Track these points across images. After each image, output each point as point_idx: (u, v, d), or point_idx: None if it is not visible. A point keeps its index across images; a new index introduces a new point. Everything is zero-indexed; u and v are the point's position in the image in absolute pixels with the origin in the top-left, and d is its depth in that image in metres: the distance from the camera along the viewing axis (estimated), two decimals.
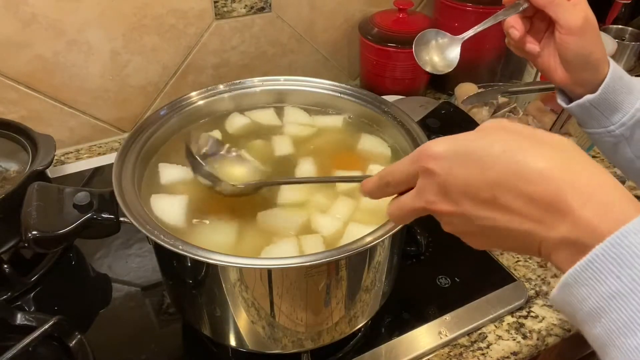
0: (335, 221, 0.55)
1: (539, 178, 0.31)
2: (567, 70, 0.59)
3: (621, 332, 0.27)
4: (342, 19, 1.05)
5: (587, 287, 0.29)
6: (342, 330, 0.57)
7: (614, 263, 0.27)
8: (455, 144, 0.34)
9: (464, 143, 0.34)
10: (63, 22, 0.81)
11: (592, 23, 0.56)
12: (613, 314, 0.28)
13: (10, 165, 0.74)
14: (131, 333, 0.64)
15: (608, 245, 0.28)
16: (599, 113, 0.59)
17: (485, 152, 0.33)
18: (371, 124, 0.68)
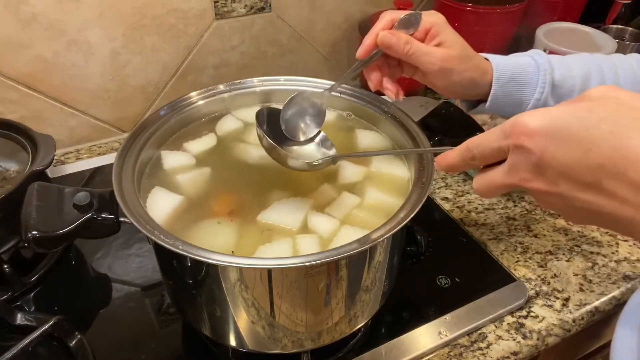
0: (331, 222, 0.55)
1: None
2: (451, 93, 0.60)
3: None
4: (342, 19, 1.05)
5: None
6: (342, 330, 0.57)
7: None
8: (555, 119, 0.31)
9: (565, 119, 0.31)
10: (63, 22, 0.81)
11: (455, 55, 0.56)
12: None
13: (10, 165, 0.74)
14: (131, 333, 0.64)
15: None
16: (502, 111, 0.60)
17: (589, 132, 0.29)
18: (371, 123, 0.68)
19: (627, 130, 0.28)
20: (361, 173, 0.61)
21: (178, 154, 0.62)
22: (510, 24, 1.04)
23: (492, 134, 0.35)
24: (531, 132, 0.32)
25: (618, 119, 0.29)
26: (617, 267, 0.73)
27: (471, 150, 0.37)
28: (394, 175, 0.61)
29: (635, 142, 0.28)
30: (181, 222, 0.54)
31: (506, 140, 0.34)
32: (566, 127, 0.30)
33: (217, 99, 0.68)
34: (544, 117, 0.31)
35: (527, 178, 0.33)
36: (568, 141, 0.30)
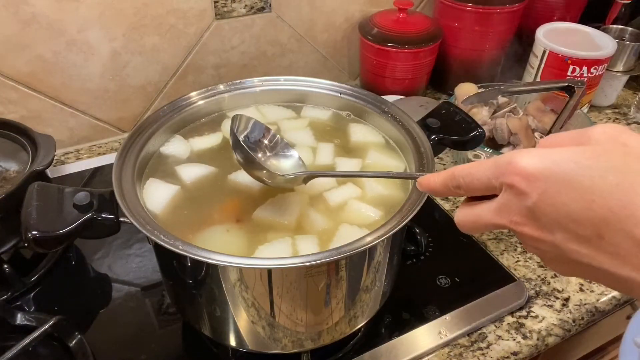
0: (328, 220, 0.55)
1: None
2: None
3: None
4: (342, 19, 1.05)
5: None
6: (342, 330, 0.57)
7: None
8: (556, 164, 0.29)
9: (567, 165, 0.28)
10: (63, 22, 0.81)
11: None
12: None
13: (10, 165, 0.74)
14: (131, 333, 0.64)
15: None
16: None
17: (594, 182, 0.27)
18: (371, 123, 0.68)
19: (635, 185, 0.27)
20: (357, 166, 0.62)
21: (180, 146, 0.63)
22: (510, 24, 1.04)
23: (483, 166, 0.33)
24: (528, 175, 0.29)
25: (625, 171, 0.27)
26: None
27: (457, 179, 0.35)
28: (390, 167, 0.62)
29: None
30: (182, 219, 0.54)
31: (499, 178, 0.31)
32: (568, 173, 0.28)
33: (217, 99, 0.68)
34: (545, 160, 0.29)
35: (519, 222, 0.31)
36: (569, 189, 0.28)
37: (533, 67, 1.00)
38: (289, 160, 0.55)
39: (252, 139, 0.54)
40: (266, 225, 0.54)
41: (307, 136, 0.67)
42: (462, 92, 0.86)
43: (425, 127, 0.61)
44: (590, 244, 0.28)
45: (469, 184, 0.34)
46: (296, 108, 0.71)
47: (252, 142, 0.54)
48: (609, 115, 1.08)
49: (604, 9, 1.14)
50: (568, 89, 0.80)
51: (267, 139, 0.55)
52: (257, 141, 0.54)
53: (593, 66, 0.93)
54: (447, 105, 0.65)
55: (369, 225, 0.54)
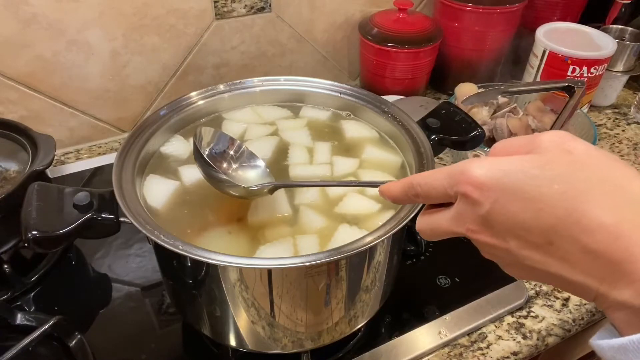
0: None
1: (604, 232, 0.26)
2: None
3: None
4: (342, 19, 1.05)
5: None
6: (342, 330, 0.57)
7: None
8: (505, 174, 0.29)
9: (516, 175, 0.29)
10: (63, 22, 0.81)
11: None
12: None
13: (10, 165, 0.74)
14: (131, 333, 0.64)
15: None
16: None
17: (541, 192, 0.28)
18: (371, 124, 0.68)
19: (579, 193, 0.27)
20: (354, 166, 0.62)
21: (180, 145, 0.63)
22: (510, 24, 1.04)
23: (438, 176, 0.34)
24: (481, 184, 0.30)
25: (571, 180, 0.28)
26: None
27: (415, 188, 0.35)
28: (387, 161, 0.63)
29: (587, 206, 0.27)
30: (183, 216, 0.54)
31: (453, 187, 0.32)
32: (517, 183, 0.29)
33: (217, 99, 0.68)
34: (495, 170, 0.30)
35: (474, 229, 0.32)
36: (519, 198, 0.29)
37: (533, 67, 1.00)
38: (255, 171, 0.54)
39: (217, 150, 0.53)
40: (265, 223, 0.54)
41: (304, 136, 0.67)
42: (462, 92, 0.86)
43: (425, 127, 0.61)
44: (541, 250, 0.29)
45: (426, 193, 0.35)
46: (296, 108, 0.71)
47: (216, 153, 0.52)
48: (609, 115, 1.08)
49: (604, 9, 1.14)
50: (568, 89, 0.80)
51: (232, 150, 0.54)
52: (222, 152, 0.53)
53: (593, 66, 0.93)
54: (447, 105, 0.65)
55: (368, 216, 0.54)
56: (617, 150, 0.98)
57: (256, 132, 0.67)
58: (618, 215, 0.27)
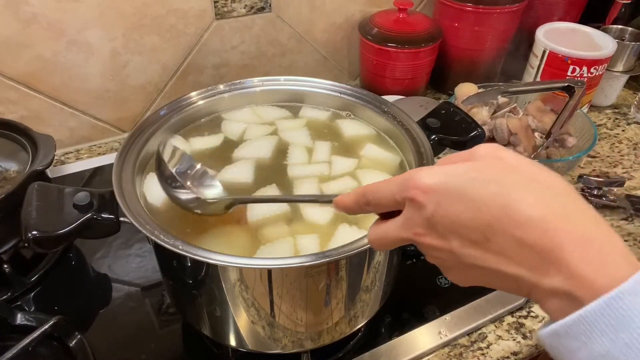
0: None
1: (534, 225, 0.29)
2: None
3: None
4: (342, 19, 1.05)
5: (578, 342, 0.28)
6: (342, 330, 0.57)
7: (607, 323, 0.27)
8: (447, 178, 0.33)
9: (456, 179, 0.32)
10: (63, 22, 0.81)
11: None
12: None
13: (10, 165, 0.74)
14: (131, 333, 0.64)
15: (603, 305, 0.27)
16: None
17: (478, 193, 0.31)
18: (371, 124, 0.68)
19: (510, 192, 0.30)
20: (352, 166, 0.63)
21: (180, 145, 0.63)
22: (510, 24, 1.04)
23: (389, 184, 0.36)
24: (425, 188, 0.33)
25: (503, 181, 0.31)
26: None
27: (366, 196, 0.38)
28: (386, 159, 0.63)
29: (518, 203, 0.30)
30: (183, 214, 0.54)
31: (402, 193, 0.34)
32: (458, 186, 0.32)
33: (217, 99, 0.68)
34: (439, 175, 0.33)
35: (420, 233, 0.34)
36: (460, 200, 0.31)
37: (533, 67, 1.00)
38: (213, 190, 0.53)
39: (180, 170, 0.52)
40: (264, 222, 0.54)
41: (304, 136, 0.67)
42: (462, 92, 0.86)
43: (425, 127, 0.61)
44: (480, 246, 0.31)
45: (376, 200, 0.37)
46: (295, 108, 0.71)
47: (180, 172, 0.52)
48: (609, 115, 1.08)
49: (604, 9, 1.14)
50: (568, 89, 0.80)
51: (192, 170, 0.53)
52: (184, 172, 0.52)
53: (593, 66, 0.93)
54: (447, 105, 0.65)
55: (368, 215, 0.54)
56: (617, 150, 0.98)
57: (256, 132, 0.67)
58: (544, 208, 0.30)
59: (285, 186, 0.59)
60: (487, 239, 0.31)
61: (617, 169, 0.93)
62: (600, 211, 0.83)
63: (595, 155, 0.97)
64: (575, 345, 0.28)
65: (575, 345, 0.28)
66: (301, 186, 0.59)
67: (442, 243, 0.33)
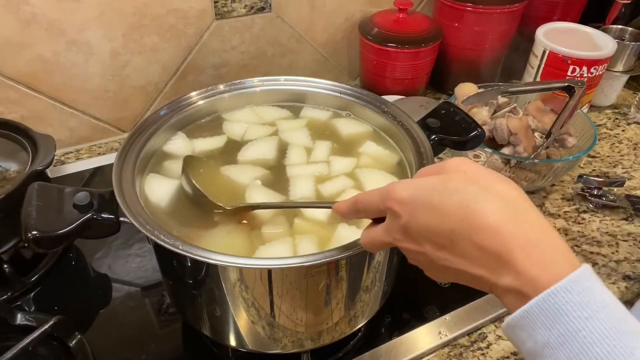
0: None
1: (489, 231, 0.33)
2: None
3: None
4: (342, 19, 1.05)
5: (525, 332, 0.32)
6: (342, 330, 0.57)
7: (546, 317, 0.31)
8: (419, 190, 0.37)
9: (426, 191, 0.37)
10: (63, 22, 0.81)
11: None
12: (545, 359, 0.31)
13: (10, 165, 0.74)
14: (131, 333, 0.64)
15: (541, 301, 0.31)
16: None
17: (444, 202, 0.35)
18: (371, 124, 0.68)
19: (470, 201, 0.34)
20: (352, 164, 0.63)
21: (180, 146, 0.63)
22: (510, 24, 1.04)
23: (373, 194, 0.41)
24: (400, 200, 0.37)
25: (464, 192, 0.35)
26: (617, 267, 0.73)
27: (357, 204, 0.43)
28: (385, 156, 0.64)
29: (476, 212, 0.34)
30: (185, 213, 0.55)
31: (383, 203, 0.39)
32: (427, 197, 0.36)
33: (217, 99, 0.68)
34: (411, 188, 0.37)
35: (399, 238, 0.39)
36: (428, 209, 0.36)
37: (533, 67, 1.00)
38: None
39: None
40: (264, 221, 0.54)
41: (304, 136, 0.67)
42: (462, 92, 0.86)
43: (425, 127, 0.61)
44: (447, 250, 0.36)
45: (365, 208, 0.42)
46: (295, 108, 0.71)
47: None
48: (609, 115, 1.08)
49: (604, 9, 1.14)
50: (568, 89, 0.79)
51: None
52: None
53: (593, 66, 0.93)
54: (447, 105, 0.65)
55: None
56: (617, 150, 0.98)
57: (256, 132, 0.67)
58: (498, 215, 0.34)
59: (283, 186, 0.59)
60: (452, 243, 0.35)
61: (617, 169, 0.93)
62: (600, 211, 0.83)
63: (595, 155, 0.97)
64: (524, 335, 0.32)
65: (524, 335, 0.32)
66: (298, 186, 0.59)
67: (417, 247, 0.37)
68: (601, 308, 0.30)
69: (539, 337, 0.31)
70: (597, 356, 0.29)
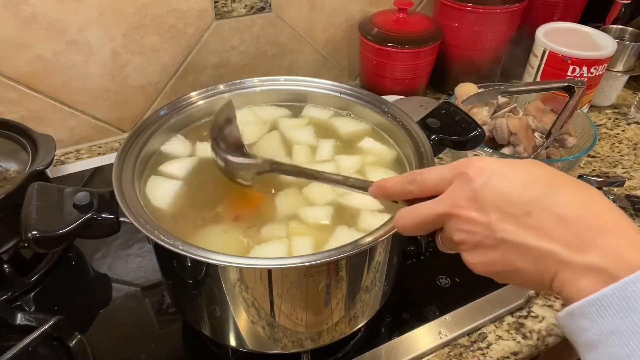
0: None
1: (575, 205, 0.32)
2: None
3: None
4: (342, 19, 1.05)
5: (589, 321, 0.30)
6: (342, 330, 0.57)
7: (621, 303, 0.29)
8: (498, 163, 0.36)
9: (506, 164, 0.36)
10: (63, 22, 0.81)
11: None
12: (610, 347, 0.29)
13: (10, 165, 0.74)
14: (131, 333, 0.64)
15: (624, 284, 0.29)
16: None
17: (526, 175, 0.35)
18: (371, 124, 0.68)
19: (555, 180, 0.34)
20: (357, 162, 0.63)
21: (180, 146, 0.64)
22: (510, 24, 1.04)
23: (438, 167, 0.39)
24: (480, 166, 0.36)
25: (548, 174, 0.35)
26: None
27: (414, 175, 0.40)
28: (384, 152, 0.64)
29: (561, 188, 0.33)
30: (186, 215, 0.55)
31: (453, 170, 0.37)
32: (508, 168, 0.36)
33: (217, 99, 0.68)
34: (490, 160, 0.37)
35: (461, 205, 0.36)
36: (509, 178, 0.35)
37: (533, 67, 1.00)
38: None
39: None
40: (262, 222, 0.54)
41: (305, 136, 0.67)
42: (462, 92, 0.86)
43: (425, 127, 0.61)
44: (517, 221, 0.34)
45: (424, 180, 0.39)
46: (296, 108, 0.71)
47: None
48: (609, 115, 1.08)
49: (604, 9, 1.14)
50: (568, 89, 0.80)
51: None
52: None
53: (593, 66, 0.93)
54: (447, 105, 0.65)
55: (368, 215, 0.55)
56: (617, 150, 0.98)
57: (256, 132, 0.67)
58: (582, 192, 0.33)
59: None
60: (528, 213, 0.33)
61: (617, 169, 0.93)
62: None
63: (595, 155, 0.97)
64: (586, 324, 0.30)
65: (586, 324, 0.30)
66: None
67: (481, 216, 0.35)
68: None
69: (607, 324, 0.29)
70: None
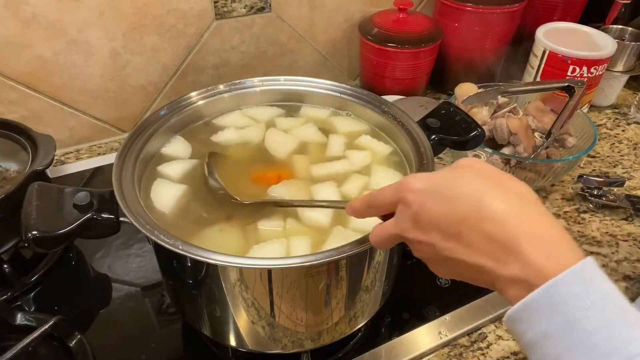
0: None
1: (498, 221, 0.34)
2: None
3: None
4: (342, 19, 1.05)
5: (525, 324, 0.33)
6: (342, 330, 0.57)
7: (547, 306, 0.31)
8: (432, 181, 0.39)
9: (440, 182, 0.38)
10: (63, 22, 0.81)
11: None
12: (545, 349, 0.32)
13: (10, 165, 0.74)
14: (131, 333, 0.64)
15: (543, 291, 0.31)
16: None
17: (456, 193, 0.37)
18: (371, 124, 0.68)
19: (481, 193, 0.36)
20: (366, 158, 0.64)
21: (180, 146, 0.64)
22: (510, 24, 1.04)
23: (388, 188, 0.42)
24: (414, 189, 0.39)
25: (476, 185, 0.36)
26: (617, 267, 0.73)
27: (369, 201, 0.44)
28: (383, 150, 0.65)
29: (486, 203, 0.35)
30: (189, 217, 0.55)
31: (395, 195, 0.41)
32: (439, 187, 0.38)
33: (217, 99, 0.68)
34: (426, 179, 0.39)
35: (407, 228, 0.39)
36: (440, 199, 0.37)
37: (533, 67, 1.00)
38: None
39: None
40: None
41: (306, 135, 0.67)
42: (462, 92, 0.86)
43: (425, 127, 0.61)
44: (453, 239, 0.36)
45: (377, 202, 0.43)
46: (296, 108, 0.71)
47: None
48: (609, 115, 1.08)
49: (604, 9, 1.14)
50: (568, 89, 0.79)
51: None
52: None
53: (593, 66, 0.93)
54: (447, 105, 0.65)
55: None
56: (617, 150, 0.98)
57: (256, 132, 0.67)
58: (507, 207, 0.35)
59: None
60: (460, 233, 0.36)
61: (617, 169, 0.93)
62: (600, 211, 0.83)
63: (595, 155, 0.96)
64: (524, 327, 0.33)
65: (524, 327, 0.33)
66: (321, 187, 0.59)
67: (425, 237, 0.38)
68: (601, 299, 0.31)
69: (539, 327, 0.32)
70: (596, 346, 0.30)
